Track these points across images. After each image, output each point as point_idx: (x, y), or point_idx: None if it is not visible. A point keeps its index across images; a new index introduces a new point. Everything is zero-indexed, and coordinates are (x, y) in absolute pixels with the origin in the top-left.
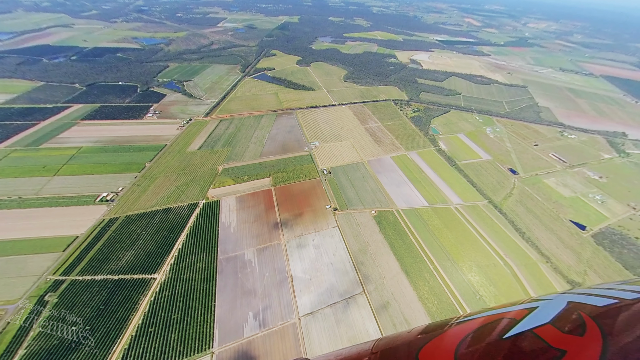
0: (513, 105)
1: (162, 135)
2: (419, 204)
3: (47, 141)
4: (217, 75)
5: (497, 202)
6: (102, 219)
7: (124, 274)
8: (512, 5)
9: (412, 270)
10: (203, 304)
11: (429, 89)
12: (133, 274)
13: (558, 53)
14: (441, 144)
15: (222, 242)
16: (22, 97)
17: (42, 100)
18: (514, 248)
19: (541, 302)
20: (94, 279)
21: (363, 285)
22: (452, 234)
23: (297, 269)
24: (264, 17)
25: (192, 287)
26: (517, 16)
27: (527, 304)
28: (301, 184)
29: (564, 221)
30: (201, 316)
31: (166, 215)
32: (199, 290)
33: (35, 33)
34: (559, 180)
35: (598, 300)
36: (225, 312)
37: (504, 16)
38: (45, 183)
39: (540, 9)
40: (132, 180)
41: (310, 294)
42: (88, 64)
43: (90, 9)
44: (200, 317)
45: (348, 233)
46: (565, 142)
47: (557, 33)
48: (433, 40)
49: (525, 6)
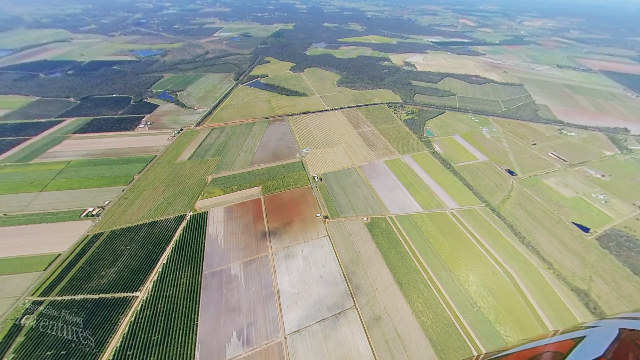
0: (509, 104)
1: (153, 146)
2: (413, 209)
3: (38, 156)
4: (210, 84)
5: (495, 205)
6: (87, 235)
7: (105, 292)
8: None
9: (405, 281)
10: (185, 323)
11: (423, 90)
12: (114, 293)
13: (555, 50)
14: (436, 147)
15: (207, 255)
16: (17, 113)
17: (36, 115)
18: (513, 254)
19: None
20: (73, 299)
21: (354, 299)
22: (448, 240)
23: (284, 282)
24: (260, 26)
25: (175, 305)
26: (512, 15)
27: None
28: (291, 192)
29: (566, 223)
30: (182, 337)
31: (152, 229)
32: (182, 308)
33: (34, 49)
34: (559, 180)
35: None
36: (208, 331)
37: (498, 15)
38: (31, 199)
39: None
40: (119, 193)
41: (297, 309)
42: (84, 77)
43: (90, 24)
44: (182, 338)
45: (339, 242)
46: (564, 140)
47: (553, 30)
48: (427, 42)
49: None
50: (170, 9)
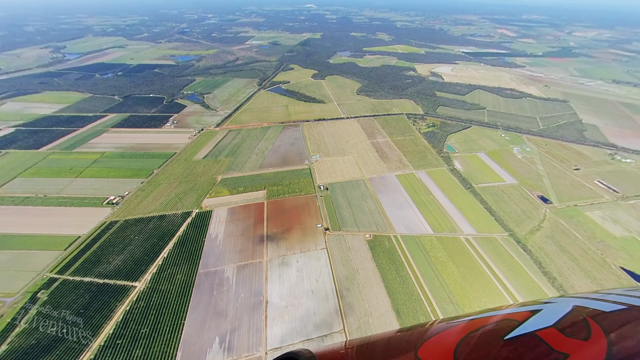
0: (549, 121)
1: (174, 143)
2: (422, 230)
3: (80, 146)
4: (235, 88)
5: (521, 236)
6: (104, 221)
7: (109, 278)
8: (555, 15)
9: (404, 310)
10: (173, 320)
11: (448, 102)
12: (117, 280)
13: (611, 63)
14: (456, 163)
15: (205, 254)
16: (71, 107)
17: (86, 109)
18: (539, 296)
19: (546, 305)
20: (82, 281)
21: (344, 322)
22: (459, 270)
23: (274, 293)
24: (289, 35)
25: (167, 300)
26: (561, 25)
27: (531, 307)
28: (295, 199)
29: (612, 268)
30: (169, 334)
31: (160, 222)
32: (173, 304)
33: (96, 53)
34: (606, 214)
35: (605, 305)
36: (193, 332)
37: (544, 25)
38: (67, 184)
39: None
40: (138, 185)
41: (283, 323)
42: (129, 78)
43: (143, 32)
44: (168, 335)
45: (337, 257)
46: (617, 167)
47: (611, 41)
48: (458, 53)
49: (572, 14)
50: (211, 19)
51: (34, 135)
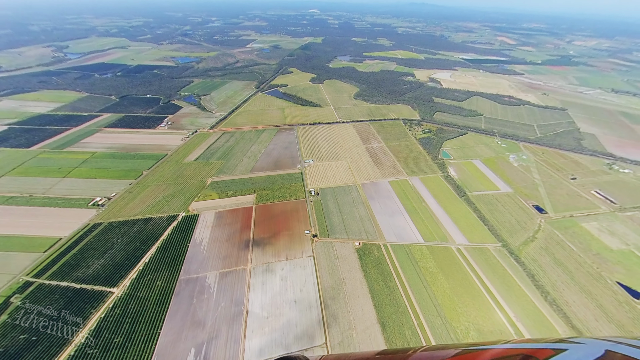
0: (546, 129)
1: (167, 145)
2: (412, 239)
3: (71, 145)
4: (232, 90)
5: (514, 247)
6: (88, 223)
7: (86, 283)
8: (555, 23)
9: (390, 323)
10: (149, 329)
11: (445, 108)
12: (94, 285)
13: (610, 72)
14: (451, 170)
15: (188, 260)
16: (67, 106)
17: (82, 108)
18: (530, 311)
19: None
20: (58, 285)
21: (326, 335)
22: (449, 282)
23: (255, 302)
24: (290, 39)
25: (145, 308)
26: (561, 34)
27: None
28: (284, 204)
29: (608, 283)
30: (142, 344)
31: (145, 226)
32: (150, 312)
33: (98, 53)
34: (603, 225)
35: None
36: (168, 343)
37: (544, 34)
38: (55, 184)
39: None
40: (126, 186)
41: (262, 336)
42: (128, 78)
43: (146, 34)
44: (141, 346)
45: (323, 265)
46: (615, 178)
47: (611, 51)
48: (458, 59)
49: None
50: (215, 23)
51: (26, 134)
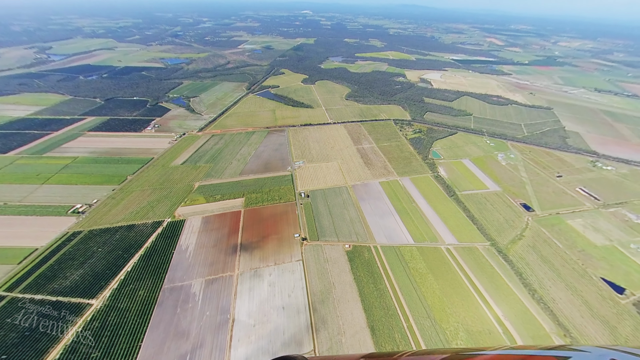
0: (533, 128)
1: (153, 148)
2: (402, 240)
3: (52, 150)
4: (223, 92)
5: (502, 246)
6: (66, 232)
7: (63, 295)
8: (541, 25)
9: (380, 327)
10: (129, 342)
11: (435, 109)
12: (72, 297)
13: (593, 72)
14: (440, 170)
15: (173, 267)
16: (48, 110)
17: (64, 112)
18: (519, 310)
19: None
20: (33, 299)
21: (315, 342)
22: (438, 282)
23: (242, 310)
24: (282, 39)
25: (125, 320)
26: (547, 35)
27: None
28: (274, 207)
29: (593, 279)
30: (122, 358)
31: (128, 233)
32: (131, 324)
33: (83, 55)
34: (588, 222)
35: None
36: (149, 356)
37: (531, 35)
38: (32, 191)
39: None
40: (109, 192)
41: (249, 344)
42: (114, 80)
43: (135, 35)
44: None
45: (313, 269)
46: (598, 175)
47: (594, 51)
48: (448, 60)
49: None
50: (206, 23)
51: (2, 139)
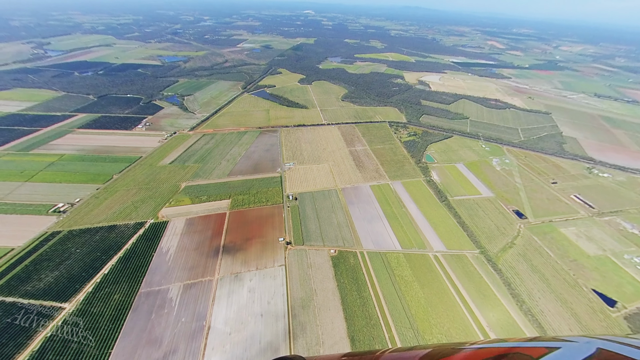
0: (530, 133)
1: (142, 147)
2: (390, 246)
3: (38, 147)
4: (218, 90)
5: (492, 254)
6: (45, 232)
7: (35, 298)
8: (543, 29)
9: (360, 338)
10: (99, 350)
11: (432, 111)
12: (44, 300)
13: (594, 77)
14: (433, 174)
15: (151, 271)
16: (40, 106)
17: (55, 108)
18: (505, 322)
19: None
20: (3, 301)
21: (291, 351)
22: (424, 291)
23: (219, 317)
24: (282, 39)
25: (97, 325)
26: (548, 39)
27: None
28: (260, 210)
29: (584, 290)
30: None
31: (108, 234)
32: (102, 330)
33: (80, 51)
34: (581, 231)
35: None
36: None
37: (532, 39)
38: (14, 188)
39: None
40: (93, 191)
41: (223, 354)
42: (109, 77)
43: (134, 32)
44: None
45: (295, 275)
46: (594, 182)
47: (595, 56)
48: (448, 62)
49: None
50: (207, 22)
51: None
